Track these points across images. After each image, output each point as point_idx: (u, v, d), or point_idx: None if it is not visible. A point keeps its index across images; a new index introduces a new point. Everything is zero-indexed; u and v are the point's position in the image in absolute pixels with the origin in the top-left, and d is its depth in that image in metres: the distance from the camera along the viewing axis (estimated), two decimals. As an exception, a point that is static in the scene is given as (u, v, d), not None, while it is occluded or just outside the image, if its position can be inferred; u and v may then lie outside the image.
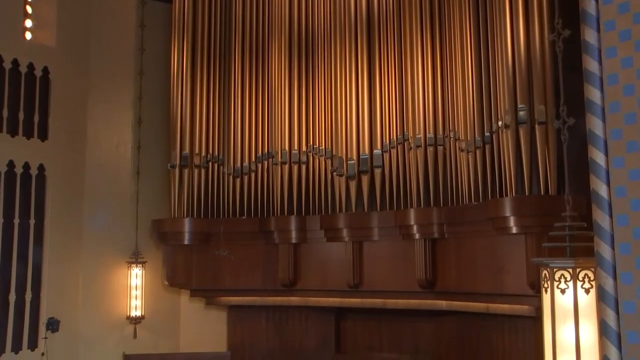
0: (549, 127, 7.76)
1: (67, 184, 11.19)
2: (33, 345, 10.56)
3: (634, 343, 3.12)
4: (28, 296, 10.52)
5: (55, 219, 10.91)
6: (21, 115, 10.54)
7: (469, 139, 8.71)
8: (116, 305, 11.57)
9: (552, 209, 7.22)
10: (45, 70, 11.00)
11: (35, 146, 10.74)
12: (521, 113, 7.90)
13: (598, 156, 3.42)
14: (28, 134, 10.68)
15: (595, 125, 3.45)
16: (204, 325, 12.12)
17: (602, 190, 3.36)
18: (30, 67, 10.83)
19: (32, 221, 10.65)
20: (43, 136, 10.88)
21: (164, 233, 11.28)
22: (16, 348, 10.38)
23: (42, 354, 10.50)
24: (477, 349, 9.79)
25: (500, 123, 8.12)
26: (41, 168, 10.82)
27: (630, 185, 3.24)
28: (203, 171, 11.24)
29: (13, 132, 10.49)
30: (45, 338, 10.55)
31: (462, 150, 8.86)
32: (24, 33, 10.82)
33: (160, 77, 12.03)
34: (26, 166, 10.63)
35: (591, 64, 3.52)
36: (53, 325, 10.57)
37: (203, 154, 11.31)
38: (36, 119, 10.74)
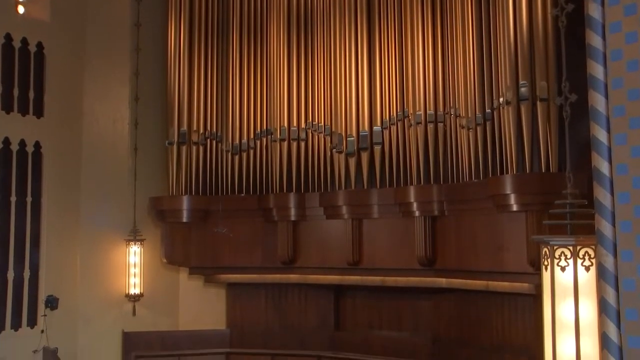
0: (551, 103, 7.68)
1: (63, 161, 11.11)
2: (32, 323, 10.58)
3: (633, 320, 3.10)
4: (26, 274, 10.52)
5: (53, 197, 10.86)
6: (16, 92, 10.43)
7: (469, 115, 8.63)
8: (115, 283, 11.56)
9: (553, 186, 7.16)
10: (40, 46, 10.85)
11: (30, 123, 10.64)
12: (523, 89, 7.80)
13: (600, 133, 3.38)
14: (23, 111, 10.58)
15: (598, 101, 3.40)
16: (203, 303, 12.12)
17: (603, 167, 3.32)
18: (24, 42, 10.67)
19: (29, 199, 10.60)
20: (39, 113, 10.78)
21: (162, 211, 11.24)
22: (15, 325, 10.41)
23: (42, 331, 10.51)
24: (476, 327, 9.78)
25: (501, 100, 8.03)
26: (37, 145, 10.74)
27: (633, 162, 3.20)
28: (201, 148, 11.17)
29: (8, 109, 10.40)
30: (45, 315, 10.56)
31: (463, 127, 8.78)
32: (16, 7, 10.58)
33: (157, 52, 11.88)
34: (22, 143, 10.56)
35: (594, 40, 3.44)
36: (52, 302, 10.56)
37: (201, 130, 11.22)
38: (31, 95, 10.63)
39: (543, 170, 7.73)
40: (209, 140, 11.26)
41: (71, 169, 11.23)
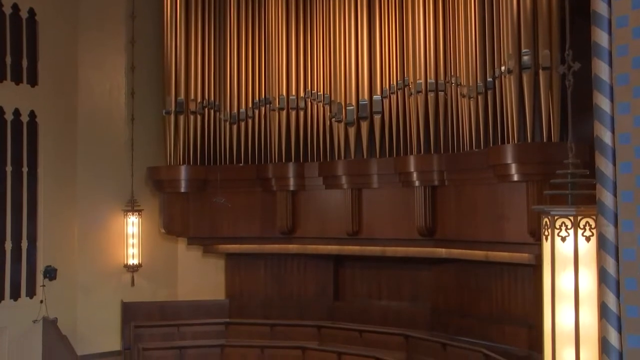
0: (554, 72, 7.56)
1: (59, 131, 11.00)
2: (31, 293, 10.58)
3: (633, 290, 3.07)
4: (24, 244, 10.50)
5: (49, 167, 10.78)
6: (8, 60, 10.26)
7: (470, 84, 8.52)
8: (113, 254, 11.55)
9: (554, 156, 7.08)
10: (32, 12, 10.63)
11: (24, 92, 10.50)
12: (525, 58, 7.69)
13: (603, 102, 3.30)
14: (17, 79, 10.43)
15: (602, 69, 3.31)
16: (201, 274, 12.13)
17: (606, 137, 3.25)
18: (15, 8, 10.45)
19: (24, 169, 10.53)
20: (32, 81, 10.63)
21: (160, 181, 11.17)
22: (15, 295, 10.42)
23: (41, 301, 10.53)
24: (476, 297, 9.79)
25: (503, 68, 7.91)
26: (32, 115, 10.62)
27: (636, 132, 3.13)
28: (199, 117, 11.07)
29: (1, 77, 10.23)
30: (43, 286, 10.56)
31: (464, 96, 8.69)
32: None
33: (153, 20, 11.69)
34: (16, 113, 10.44)
35: (599, 5, 3.33)
36: (50, 273, 10.57)
37: (199, 100, 11.10)
38: (24, 63, 10.46)
39: (544, 140, 7.66)
40: (206, 110, 11.15)
41: (67, 139, 11.13)
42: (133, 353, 10.68)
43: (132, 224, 11.51)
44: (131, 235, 11.50)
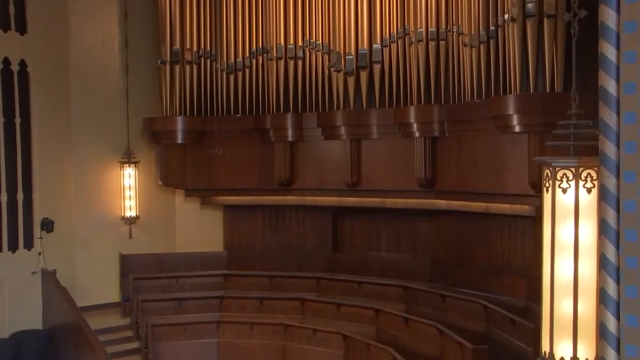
0: (559, 20, 7.36)
1: (51, 81, 10.80)
2: (29, 245, 10.57)
3: (632, 241, 3.03)
4: (20, 197, 10.44)
5: (42, 118, 10.62)
6: (-5, 6, 10.02)
7: (472, 33, 8.33)
8: (110, 206, 11.51)
9: (557, 106, 6.89)
10: (17, -44, 10.33)
11: (14, 40, 10.26)
12: (529, 5, 7.48)
13: (609, 50, 3.17)
14: (4, 26, 10.17)
15: (608, 16, 3.16)
16: (199, 225, 12.11)
17: (610, 86, 3.14)
18: (0, -49, 10.16)
19: (17, 120, 10.37)
20: (22, 29, 10.37)
21: (156, 132, 11.04)
22: (13, 247, 10.41)
23: (39, 253, 10.52)
24: (476, 249, 9.78)
25: (506, 16, 7.71)
26: (22, 64, 10.40)
27: None
28: (195, 67, 10.88)
29: (-12, 24, 10.02)
30: (41, 238, 10.55)
31: (466, 45, 8.50)
32: None
33: (146, -35, 11.41)
34: (6, 61, 10.22)
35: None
36: (47, 225, 10.53)
37: (194, 49, 10.89)
38: (12, 10, 10.18)
39: (547, 90, 7.52)
40: (202, 59, 10.95)
41: (60, 89, 10.94)
42: (132, 304, 10.73)
43: (129, 176, 11.43)
44: (128, 187, 11.44)
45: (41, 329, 10.54)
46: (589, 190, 3.46)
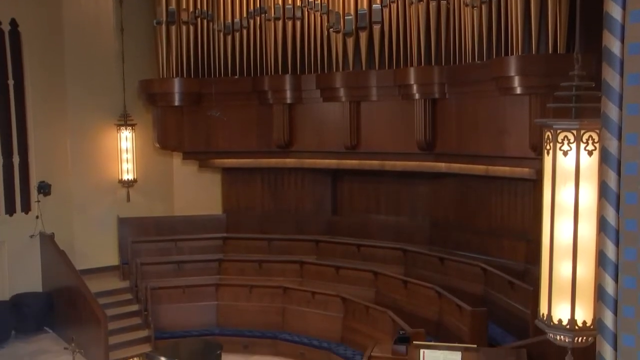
0: (563, -23, 7.23)
1: (44, 42, 10.62)
2: (26, 208, 10.54)
3: (632, 204, 2.97)
4: (16, 159, 10.36)
5: (36, 80, 10.47)
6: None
7: (474, -9, 8.17)
8: (107, 169, 11.44)
9: (560, 68, 6.82)
10: None
11: (4, -2, 10.09)
12: (532, -38, 7.33)
13: (614, 9, 3.06)
14: (-8, -18, 10.01)
15: None
16: (198, 189, 12.05)
17: (615, 47, 3.04)
18: None
19: (10, 81, 10.23)
20: (10, -15, 10.19)
21: (153, 94, 10.90)
22: (10, 210, 10.38)
23: (37, 216, 10.48)
24: (475, 212, 9.74)
25: (508, -26, 7.56)
26: (14, 23, 10.21)
27: None
28: (191, 28, 10.68)
29: (-26, -21, 9.81)
30: (38, 201, 10.50)
31: (467, 5, 8.34)
32: None
33: None
34: (-4, 21, 10.09)
35: None
36: (44, 188, 10.48)
37: (191, 9, 10.67)
38: (-2, -36, 10.00)
39: (550, 52, 7.39)
40: (199, 20, 10.74)
41: (53, 50, 10.77)
42: (131, 268, 10.73)
43: (126, 139, 11.34)
44: (125, 150, 11.35)
45: (41, 291, 10.56)
46: (590, 153, 3.42)
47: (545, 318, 3.60)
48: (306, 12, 10.17)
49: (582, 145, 3.44)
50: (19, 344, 9.93)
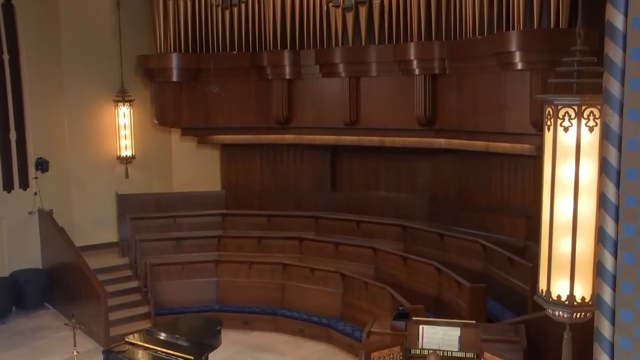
0: (566, -51, 7.13)
1: (39, 16, 10.49)
2: (24, 185, 10.48)
3: (633, 180, 2.99)
4: (12, 136, 10.29)
5: (32, 55, 10.36)
6: None
7: (475, -36, 8.06)
8: (105, 145, 11.38)
9: (562, 43, 6.74)
10: None
11: (-5, -32, 9.93)
12: None
13: None
14: (-19, -49, 9.84)
15: None
16: (196, 165, 12.00)
17: (618, 21, 3.01)
18: None
19: (5, 57, 10.12)
20: (2, -44, 10.03)
21: (151, 69, 10.81)
22: (8, 187, 10.32)
23: (35, 193, 10.45)
24: (475, 188, 9.72)
25: (510, -54, 7.46)
26: (7, -4, 10.12)
27: None
28: (189, 2, 10.54)
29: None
30: (36, 178, 10.45)
31: (468, -22, 8.26)
32: None
33: None
34: (-12, -6, 9.92)
35: None
36: (42, 165, 10.43)
37: (188, -18, 10.57)
38: None
39: (552, 26, 7.30)
40: (197, -6, 10.64)
41: (49, 24, 10.64)
42: (130, 244, 10.72)
43: (124, 115, 11.26)
44: (123, 127, 11.29)
45: (40, 268, 10.57)
46: (591, 129, 3.43)
47: (544, 294, 3.62)
48: (305, -14, 10.06)
49: (583, 121, 3.44)
50: (20, 320, 9.97)
